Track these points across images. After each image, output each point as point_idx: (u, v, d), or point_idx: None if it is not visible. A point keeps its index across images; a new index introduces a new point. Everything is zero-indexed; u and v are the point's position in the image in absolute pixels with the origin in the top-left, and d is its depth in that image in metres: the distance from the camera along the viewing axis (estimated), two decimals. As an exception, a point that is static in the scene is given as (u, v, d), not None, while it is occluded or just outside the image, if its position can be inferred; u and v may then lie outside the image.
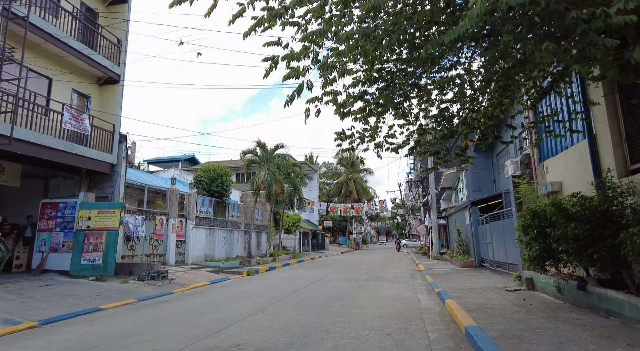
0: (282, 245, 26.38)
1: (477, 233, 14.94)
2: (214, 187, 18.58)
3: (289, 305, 7.94)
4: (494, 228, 12.31)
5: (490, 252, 13.05)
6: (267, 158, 20.81)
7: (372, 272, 15.10)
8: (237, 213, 20.92)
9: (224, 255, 18.98)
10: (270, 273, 16.17)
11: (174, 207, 15.49)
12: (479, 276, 11.74)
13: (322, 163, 65.02)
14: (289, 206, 25.25)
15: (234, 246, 20.16)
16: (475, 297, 7.88)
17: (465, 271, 13.56)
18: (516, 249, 9.73)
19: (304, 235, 35.22)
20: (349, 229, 55.90)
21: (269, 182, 20.23)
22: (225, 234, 19.41)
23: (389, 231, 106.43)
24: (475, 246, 14.89)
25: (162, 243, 14.88)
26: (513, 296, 7.79)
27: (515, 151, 19.04)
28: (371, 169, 63.87)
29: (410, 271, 15.22)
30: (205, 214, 17.81)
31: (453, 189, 33.78)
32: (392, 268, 17.41)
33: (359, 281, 12.02)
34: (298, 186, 24.22)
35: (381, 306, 7.62)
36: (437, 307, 7.44)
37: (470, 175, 24.32)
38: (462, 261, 15.16)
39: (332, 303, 8.00)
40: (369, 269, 16.75)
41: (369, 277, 13.17)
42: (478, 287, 9.41)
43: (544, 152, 9.33)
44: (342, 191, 51.10)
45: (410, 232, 56.10)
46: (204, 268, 15.46)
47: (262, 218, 24.23)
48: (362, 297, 8.78)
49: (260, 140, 20.72)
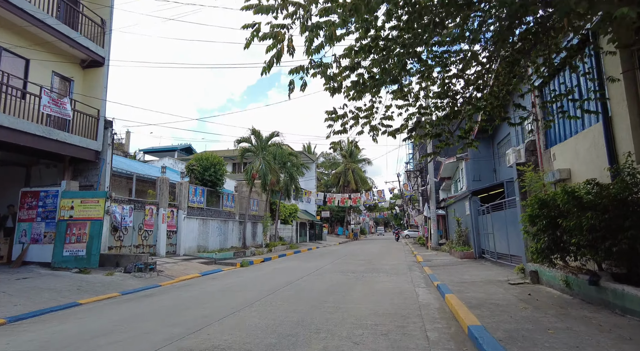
0: (279, 236, 25.95)
1: (478, 223, 14.48)
2: (207, 176, 18.02)
3: (280, 299, 7.47)
4: (496, 219, 11.84)
5: (491, 243, 12.60)
6: (262, 147, 20.20)
7: (370, 263, 14.68)
8: (231, 203, 20.42)
9: (217, 246, 18.53)
10: (265, 264, 15.73)
11: (164, 196, 14.95)
12: (479, 268, 11.30)
13: (320, 153, 64.44)
14: (285, 196, 24.73)
15: (228, 236, 19.70)
16: (477, 291, 7.42)
17: (465, 263, 13.13)
18: (520, 241, 9.25)
19: (302, 226, 34.83)
20: (347, 220, 55.59)
21: (264, 171, 19.68)
22: (219, 224, 18.93)
23: (388, 221, 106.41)
24: (475, 237, 14.45)
25: (152, 233, 14.38)
26: (517, 290, 7.33)
27: (517, 140, 18.49)
28: (369, 159, 63.34)
29: (408, 263, 14.80)
30: (198, 204, 17.29)
31: (452, 179, 33.30)
32: (389, 259, 17.00)
33: (355, 273, 11.58)
34: (295, 176, 23.67)
35: (377, 300, 7.16)
36: (437, 302, 6.98)
37: (470, 164, 23.80)
38: (461, 252, 14.73)
39: (325, 298, 7.54)
40: (366, 260, 16.34)
41: (366, 268, 12.73)
42: (479, 280, 8.96)
43: (551, 139, 8.79)
44: (341, 182, 50.62)
45: (409, 222, 55.88)
46: (196, 259, 15.00)
47: (257, 208, 23.75)
48: (358, 291, 8.32)
49: (255, 128, 20.09)
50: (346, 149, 56.62)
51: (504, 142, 21.63)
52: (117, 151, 29.08)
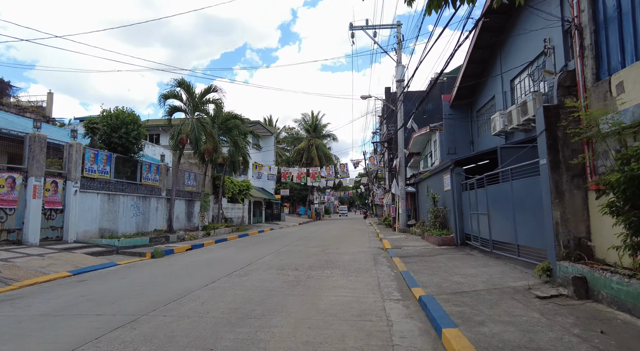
0: (224, 216, 22.07)
1: (462, 201, 11.44)
2: (116, 138, 13.64)
3: (132, 339, 3.82)
4: (494, 195, 8.72)
5: (482, 227, 9.57)
6: (194, 104, 15.93)
7: (324, 252, 11.32)
8: (155, 175, 16.19)
9: (133, 229, 14.43)
10: (188, 254, 11.94)
11: (37, 161, 10.57)
12: (470, 262, 8.21)
13: (283, 127, 60.10)
14: (231, 170, 20.72)
15: (150, 217, 15.60)
16: (495, 317, 4.15)
17: (446, 252, 10.07)
18: (542, 227, 6.10)
19: (256, 205, 31.03)
20: (309, 199, 52.34)
21: (197, 135, 15.54)
22: (135, 201, 14.75)
23: (353, 201, 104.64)
24: (457, 219, 11.43)
25: (15, 212, 10.09)
26: (569, 318, 4.10)
27: (504, 103, 15.58)
28: (335, 135, 59.82)
29: (373, 251, 11.60)
30: (101, 175, 13.01)
31: (422, 155, 30.55)
32: (350, 244, 13.77)
33: (299, 270, 8.11)
34: (240, 145, 19.61)
35: (316, 340, 3.71)
36: (426, 342, 3.64)
37: (445, 136, 20.85)
38: (438, 237, 11.71)
39: (221, 333, 4.00)
40: (321, 247, 12.99)
41: (317, 261, 9.32)
42: (482, 286, 5.76)
43: (609, 63, 5.50)
44: (303, 158, 46.96)
45: (374, 202, 53.58)
46: (89, 247, 10.94)
47: (195, 184, 19.64)
48: (289, 312, 4.83)
49: (183, 80, 15.69)
50: (310, 123, 52.80)
51: (485, 110, 18.77)
52: (33, 114, 23.43)
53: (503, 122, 14.43)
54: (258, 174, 23.85)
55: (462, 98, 19.79)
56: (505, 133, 14.80)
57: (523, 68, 13.12)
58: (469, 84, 18.25)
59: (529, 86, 13.21)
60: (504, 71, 14.92)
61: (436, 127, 21.28)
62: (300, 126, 53.57)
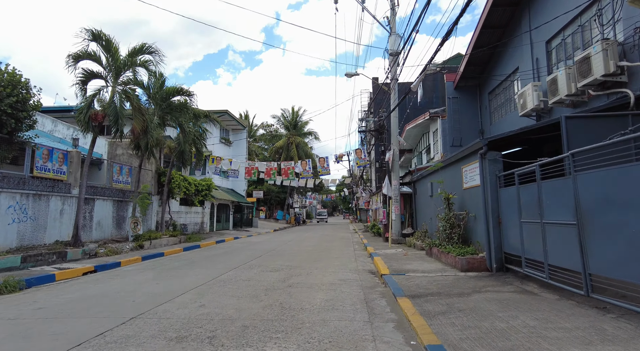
0: (173, 222, 17.56)
1: (498, 203, 7.47)
2: (-15, 108, 9.10)
3: None
4: (595, 191, 4.73)
5: (550, 246, 5.59)
6: (117, 67, 11.49)
7: (286, 283, 7.14)
8: (61, 165, 11.65)
9: (14, 241, 9.89)
10: (71, 284, 7.54)
11: None
12: (551, 317, 4.18)
13: (260, 124, 55.56)
14: (179, 163, 16.28)
15: (48, 224, 11.05)
16: None
17: (484, 288, 6.03)
18: None
19: (221, 208, 26.52)
20: (288, 203, 47.93)
21: (119, 110, 11.11)
22: (20, 201, 10.20)
23: (336, 205, 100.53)
24: (493, 230, 7.44)
25: None
26: None
27: (535, 74, 11.87)
28: (317, 133, 55.79)
29: (363, 279, 7.49)
30: (-52, 160, 8.46)
31: (414, 151, 26.74)
32: (329, 265, 9.62)
33: (212, 345, 3.89)
34: (187, 130, 15.17)
35: None
36: None
37: (448, 123, 16.99)
38: (461, 258, 7.70)
39: None
40: (286, 270, 8.80)
41: (262, 314, 5.12)
42: None
43: None
44: (282, 157, 42.58)
45: (358, 206, 49.63)
46: None
47: (131, 180, 15.12)
48: None
49: (102, 32, 11.24)
50: (290, 119, 48.58)
51: (502, 89, 15.02)
52: None
53: (538, 96, 10.69)
54: (215, 169, 19.40)
55: (470, 78, 16.05)
56: (539, 112, 11.03)
57: (572, 17, 9.36)
58: (480, 56, 14.53)
59: (575, 46, 9.52)
60: (534, 28, 11.19)
61: (437, 113, 17.41)
62: (279, 123, 49.30)
